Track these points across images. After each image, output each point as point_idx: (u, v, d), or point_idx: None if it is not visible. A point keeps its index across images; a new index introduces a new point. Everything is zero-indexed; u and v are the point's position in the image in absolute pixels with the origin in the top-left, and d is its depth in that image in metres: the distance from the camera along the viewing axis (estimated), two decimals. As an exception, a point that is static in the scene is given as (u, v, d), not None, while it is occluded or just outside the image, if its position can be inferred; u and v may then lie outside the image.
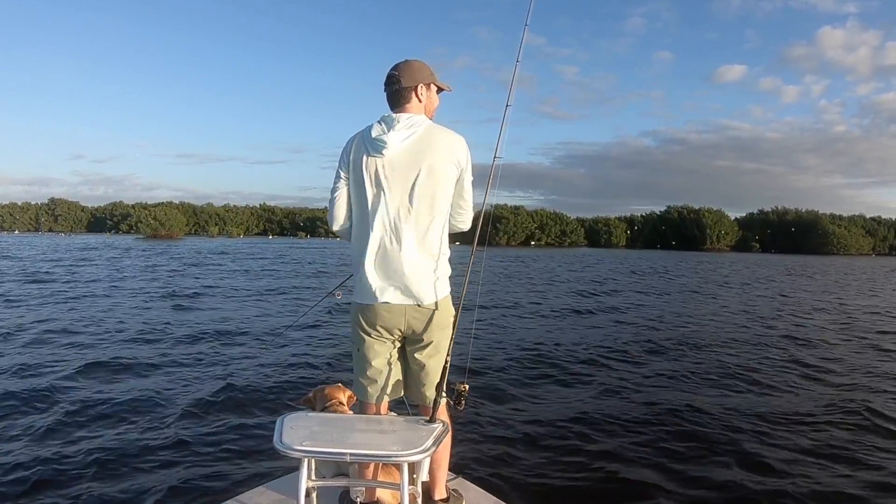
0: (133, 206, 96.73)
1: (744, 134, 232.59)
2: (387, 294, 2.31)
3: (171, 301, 13.31)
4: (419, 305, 2.32)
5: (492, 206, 2.61)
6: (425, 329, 2.36)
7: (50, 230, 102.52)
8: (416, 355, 2.40)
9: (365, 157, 2.32)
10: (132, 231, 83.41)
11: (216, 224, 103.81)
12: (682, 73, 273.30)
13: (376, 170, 2.31)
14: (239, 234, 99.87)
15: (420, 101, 2.38)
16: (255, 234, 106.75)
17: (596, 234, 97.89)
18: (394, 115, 2.35)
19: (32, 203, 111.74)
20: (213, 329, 9.69)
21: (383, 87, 2.40)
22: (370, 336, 2.39)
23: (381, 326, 2.35)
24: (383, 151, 2.29)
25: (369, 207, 2.32)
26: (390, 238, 2.30)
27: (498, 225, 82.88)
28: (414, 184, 2.28)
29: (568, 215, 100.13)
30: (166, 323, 10.17)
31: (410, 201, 2.29)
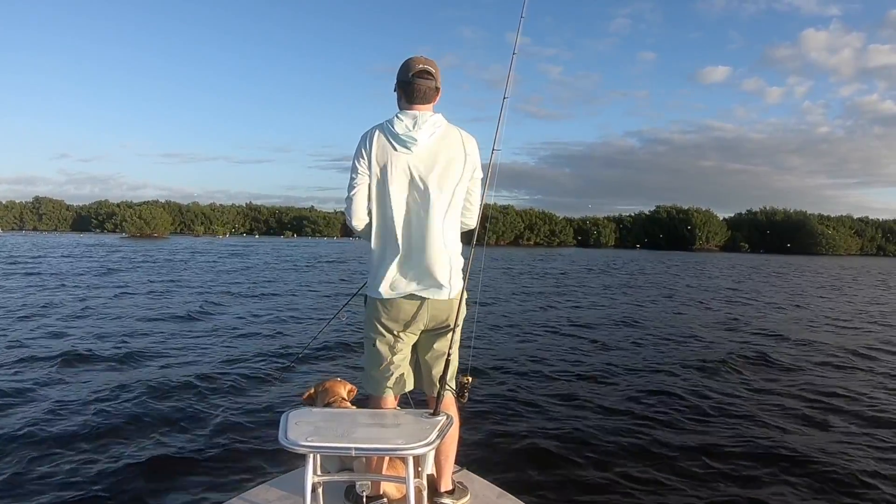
0: (118, 205, 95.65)
1: (728, 134, 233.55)
2: (413, 288, 2.32)
3: (168, 300, 13.22)
4: (444, 299, 2.35)
5: (491, 200, 2.62)
6: (445, 321, 2.39)
7: (34, 229, 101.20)
8: (434, 346, 2.42)
9: (391, 153, 2.32)
10: (117, 230, 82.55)
11: (202, 223, 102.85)
12: (665, 72, 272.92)
13: (404, 166, 2.31)
14: (225, 234, 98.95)
15: (437, 102, 2.42)
16: (241, 233, 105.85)
17: (585, 233, 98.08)
18: (417, 112, 2.34)
19: (17, 201, 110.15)
20: (213, 330, 9.63)
21: (410, 77, 2.32)
22: (390, 332, 2.40)
23: (403, 321, 2.37)
24: (412, 148, 2.30)
25: (394, 202, 2.32)
26: (415, 233, 2.32)
27: (487, 224, 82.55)
28: (438, 180, 2.31)
29: (556, 215, 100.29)
30: (165, 321, 10.10)
31: (435, 197, 2.31)
